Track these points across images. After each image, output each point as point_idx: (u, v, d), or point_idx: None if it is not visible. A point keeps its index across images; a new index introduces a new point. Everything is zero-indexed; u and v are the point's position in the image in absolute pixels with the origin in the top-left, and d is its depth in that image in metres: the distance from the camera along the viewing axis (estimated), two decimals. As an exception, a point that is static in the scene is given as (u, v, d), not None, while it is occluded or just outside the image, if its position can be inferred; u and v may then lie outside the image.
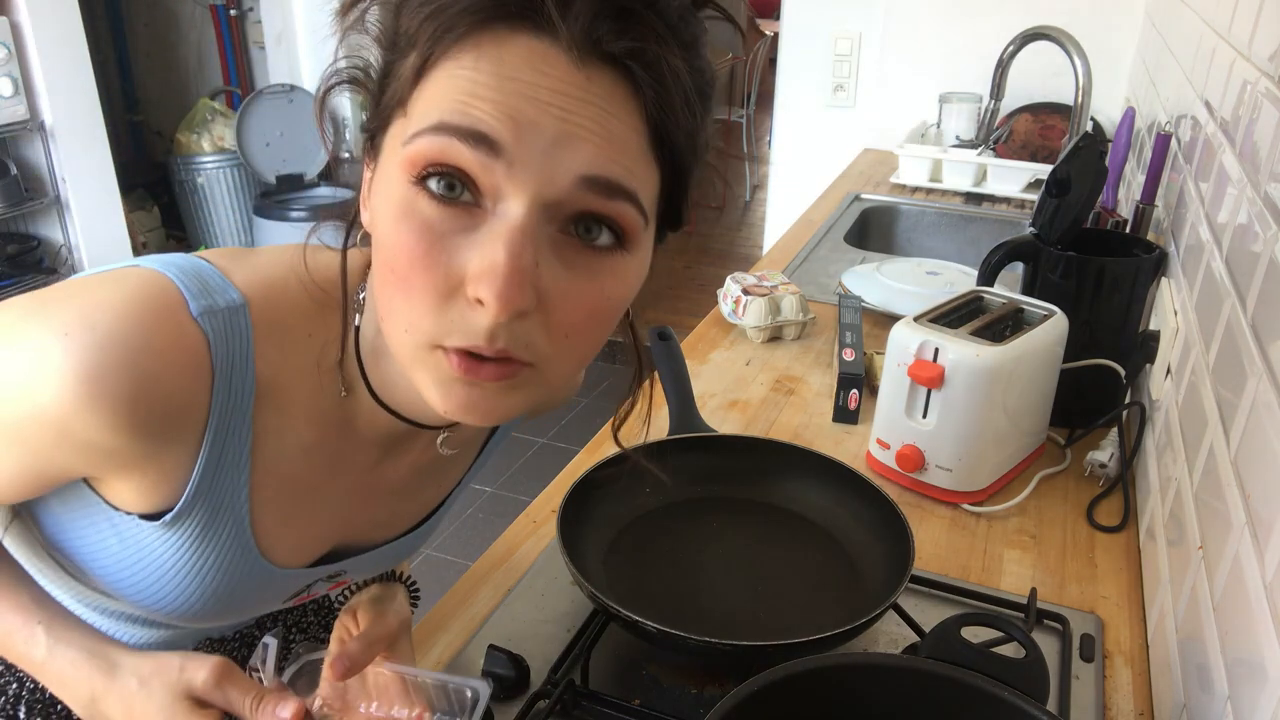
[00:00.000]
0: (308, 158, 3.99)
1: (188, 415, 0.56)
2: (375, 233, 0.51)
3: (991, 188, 2.25)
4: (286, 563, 0.67)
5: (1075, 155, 1.20)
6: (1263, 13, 0.91)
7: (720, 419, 1.27)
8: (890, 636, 0.88)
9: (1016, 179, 2.24)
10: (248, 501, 0.61)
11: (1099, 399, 1.17)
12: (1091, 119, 2.00)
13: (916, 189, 2.31)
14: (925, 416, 1.07)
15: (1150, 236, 1.34)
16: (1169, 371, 1.03)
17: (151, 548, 0.61)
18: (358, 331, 0.61)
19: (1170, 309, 1.08)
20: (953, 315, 1.12)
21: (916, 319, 1.09)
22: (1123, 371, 1.15)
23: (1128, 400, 1.15)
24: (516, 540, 1.01)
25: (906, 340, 1.06)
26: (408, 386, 0.57)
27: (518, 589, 0.93)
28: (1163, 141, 1.34)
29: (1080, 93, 1.77)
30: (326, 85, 0.56)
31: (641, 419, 0.73)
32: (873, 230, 2.21)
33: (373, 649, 0.71)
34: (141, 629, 0.73)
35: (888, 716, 0.62)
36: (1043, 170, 2.20)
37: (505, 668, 0.80)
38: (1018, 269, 1.29)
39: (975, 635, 0.68)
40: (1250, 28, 0.96)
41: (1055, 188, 1.20)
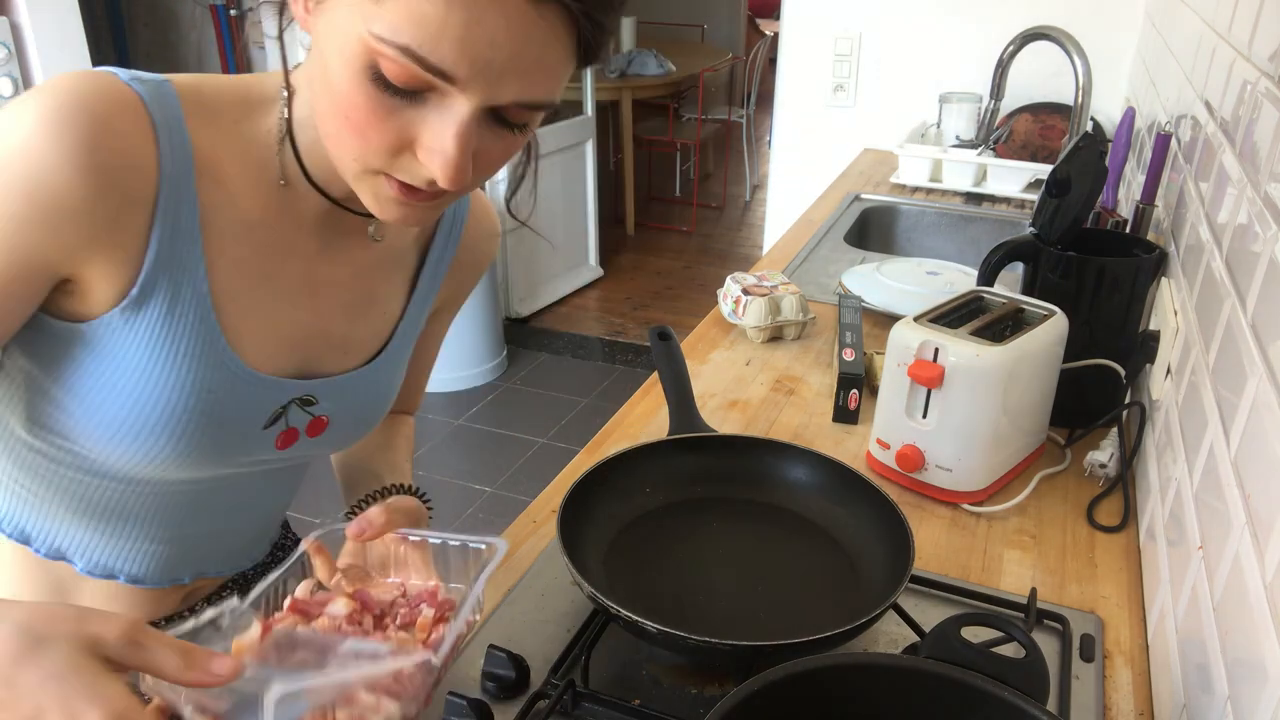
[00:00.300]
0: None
1: (139, 170, 0.62)
2: (323, 67, 0.58)
3: (991, 188, 2.25)
4: (257, 365, 0.72)
5: (1075, 155, 1.20)
6: (1263, 13, 0.91)
7: (720, 419, 1.27)
8: (890, 636, 0.88)
9: (1016, 179, 2.24)
10: (206, 280, 0.67)
11: (1099, 399, 1.17)
12: (1091, 119, 2.00)
13: (916, 189, 2.31)
14: (925, 416, 1.07)
15: (1150, 236, 1.34)
16: (1169, 371, 1.03)
17: (125, 348, 0.66)
18: (290, 123, 0.68)
19: (1170, 309, 1.08)
20: (953, 315, 1.12)
21: (916, 319, 1.09)
22: (1123, 371, 1.15)
23: (1128, 400, 1.15)
24: (516, 540, 1.01)
25: (906, 340, 1.06)
26: (341, 179, 0.65)
27: (518, 589, 0.93)
28: (1163, 141, 1.34)
29: (1080, 93, 1.77)
30: None
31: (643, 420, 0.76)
32: (873, 230, 2.21)
33: (392, 518, 0.74)
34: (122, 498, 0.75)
35: (888, 716, 0.62)
36: (1043, 170, 2.20)
37: (505, 668, 0.80)
38: (1018, 269, 1.29)
39: (975, 635, 0.68)
40: (1250, 28, 0.96)
41: (1055, 188, 1.20)
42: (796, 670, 0.61)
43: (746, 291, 1.49)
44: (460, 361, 3.52)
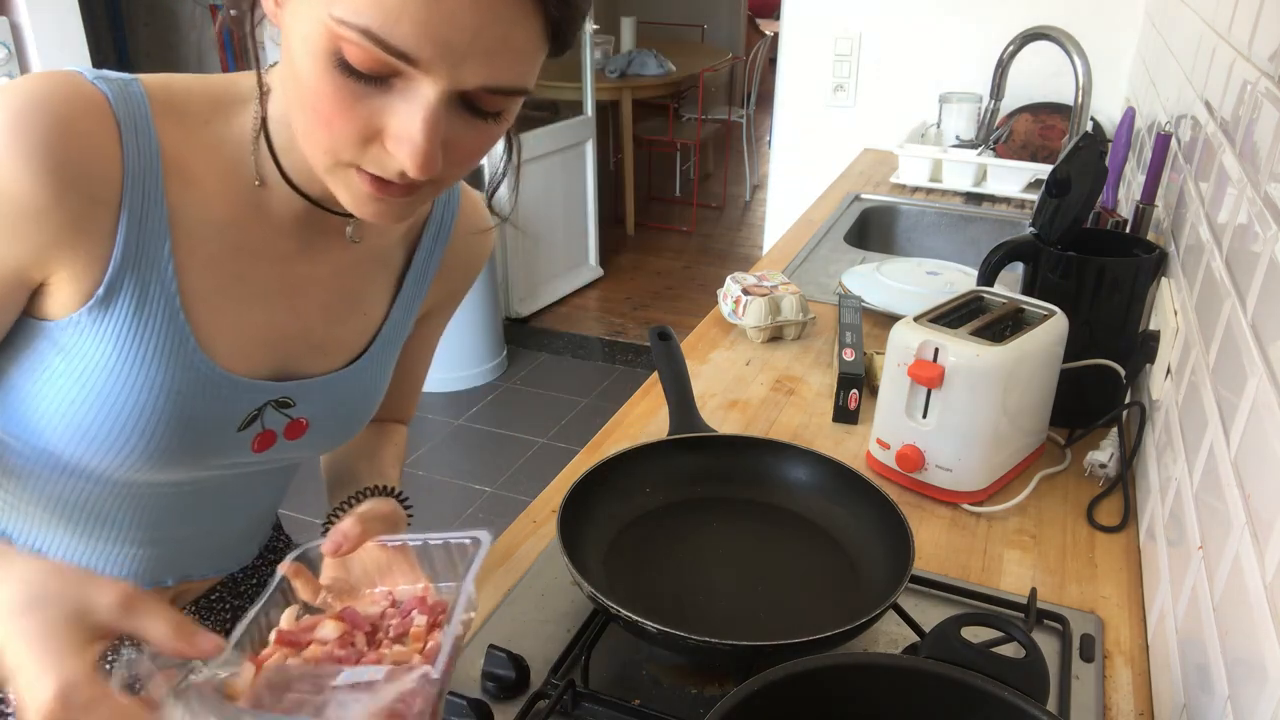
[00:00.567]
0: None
1: (102, 170, 0.62)
2: (291, 59, 0.57)
3: (991, 188, 2.25)
4: (230, 367, 0.71)
5: (1075, 155, 1.20)
6: (1263, 13, 0.91)
7: (720, 419, 1.27)
8: (890, 636, 0.88)
9: (1016, 179, 2.24)
10: (175, 279, 0.66)
11: (1099, 399, 1.17)
12: (1091, 119, 2.00)
13: (916, 189, 2.31)
14: (925, 416, 1.07)
15: (1150, 236, 1.34)
16: (1169, 371, 1.03)
17: (93, 348, 0.65)
18: (265, 122, 0.67)
19: (1170, 309, 1.08)
20: (953, 315, 1.12)
21: (916, 319, 1.09)
22: (1123, 371, 1.15)
23: (1128, 400, 1.15)
24: (516, 540, 1.01)
25: (907, 340, 1.06)
26: (318, 179, 0.64)
27: (518, 589, 0.93)
28: (1163, 141, 1.34)
29: (1080, 93, 1.77)
30: None
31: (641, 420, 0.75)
32: (873, 230, 2.21)
33: (367, 527, 0.72)
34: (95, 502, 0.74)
35: (888, 716, 0.62)
36: (1043, 170, 2.20)
37: (505, 668, 0.80)
38: (1018, 269, 1.29)
39: (975, 635, 0.68)
40: (1250, 28, 0.96)
41: (1055, 188, 1.20)
42: (796, 670, 0.61)
43: (746, 291, 1.49)
44: (460, 361, 3.52)
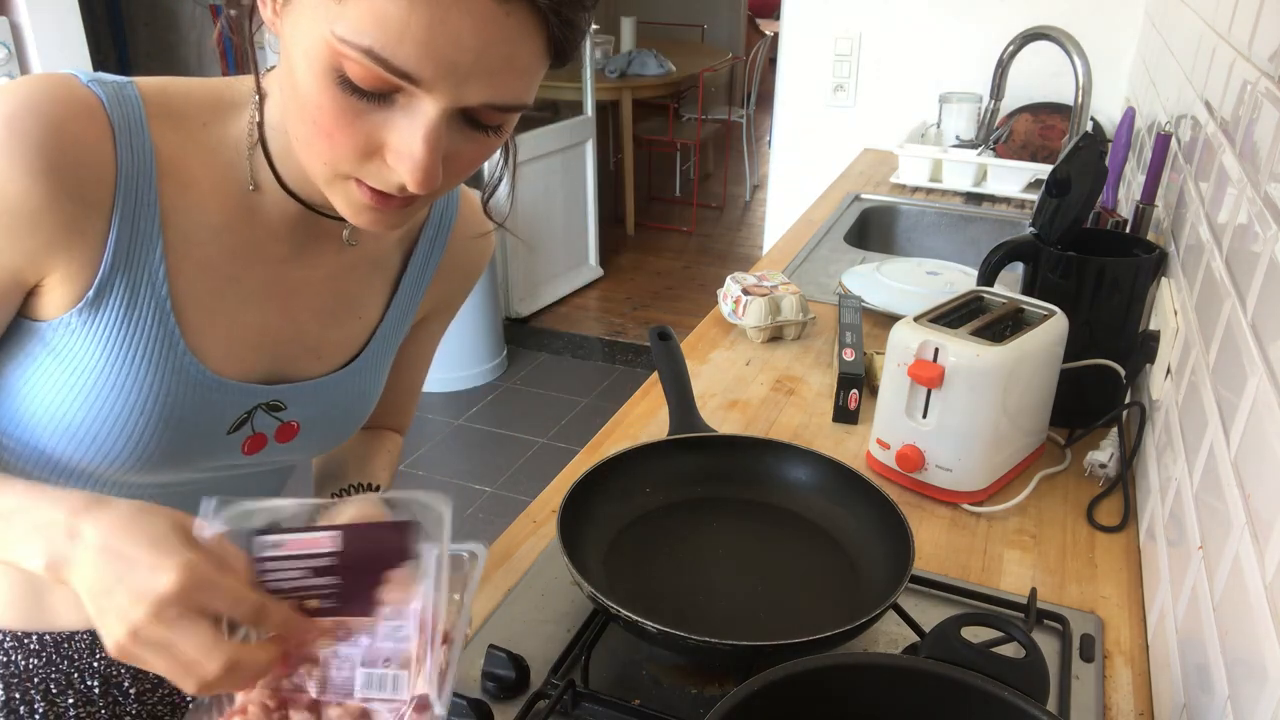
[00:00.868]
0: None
1: (95, 173, 0.62)
2: (290, 69, 0.57)
3: (991, 188, 2.25)
4: (221, 370, 0.71)
5: (1075, 155, 1.20)
6: (1263, 13, 0.91)
7: (720, 419, 1.27)
8: (890, 636, 0.88)
9: (1016, 179, 2.24)
10: (166, 283, 0.66)
11: (1099, 399, 1.17)
12: (1091, 119, 2.00)
13: (916, 189, 2.31)
14: (925, 416, 1.07)
15: (1150, 236, 1.34)
16: (1169, 371, 1.03)
17: (83, 349, 0.66)
18: (261, 127, 0.67)
19: (1170, 309, 1.08)
20: (953, 315, 1.12)
21: (916, 319, 1.09)
22: (1123, 371, 1.15)
23: (1128, 400, 1.15)
24: (516, 540, 1.01)
25: (907, 340, 1.06)
26: (313, 184, 0.64)
27: (518, 589, 0.93)
28: (1163, 141, 1.34)
29: (1080, 93, 1.77)
30: None
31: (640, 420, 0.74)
32: (873, 230, 2.21)
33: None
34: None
35: (888, 716, 0.62)
36: (1043, 170, 2.20)
37: (505, 668, 0.80)
38: (1018, 269, 1.29)
39: (975, 635, 0.68)
40: (1250, 28, 0.96)
41: (1055, 188, 1.20)
42: (796, 670, 0.61)
43: (746, 291, 1.49)
44: (460, 361, 3.52)
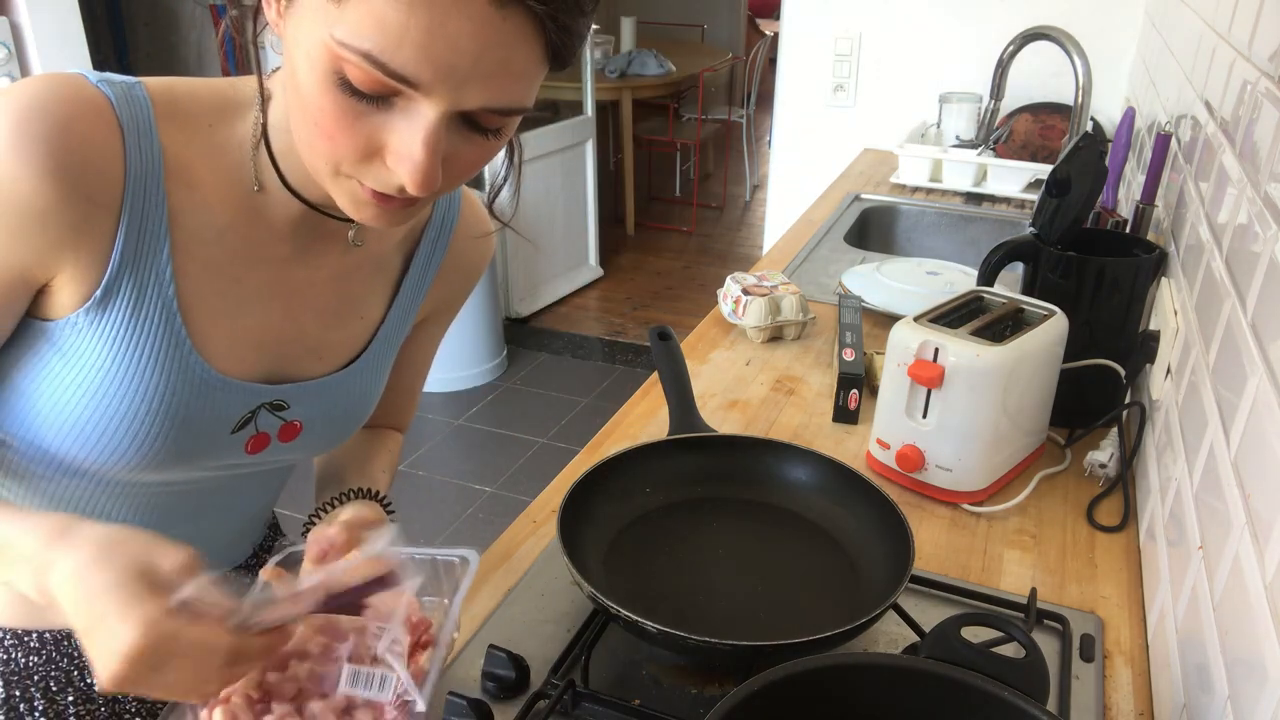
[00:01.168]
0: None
1: (104, 173, 0.62)
2: (293, 71, 0.58)
3: (991, 188, 2.25)
4: (225, 370, 0.71)
5: (1075, 155, 1.20)
6: (1263, 13, 0.91)
7: (720, 419, 1.27)
8: (890, 636, 0.88)
9: (1016, 179, 2.24)
10: (172, 282, 0.67)
11: (1099, 399, 1.17)
12: (1091, 119, 2.00)
13: (916, 189, 2.31)
14: (925, 416, 1.07)
15: (1150, 236, 1.34)
16: (1169, 371, 1.03)
17: (89, 349, 0.66)
18: (266, 128, 0.68)
19: (1170, 309, 1.08)
20: (953, 315, 1.12)
21: (916, 319, 1.09)
22: (1123, 371, 1.15)
23: (1128, 400, 1.15)
24: (516, 540, 1.01)
25: (906, 340, 1.06)
26: (317, 184, 0.65)
27: (518, 589, 0.93)
28: (1163, 141, 1.34)
29: (1080, 93, 1.77)
30: None
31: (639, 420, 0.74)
32: (873, 230, 2.21)
33: (353, 535, 0.73)
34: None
35: (888, 716, 0.62)
36: (1043, 170, 2.20)
37: (505, 668, 0.80)
38: (1018, 269, 1.29)
39: (975, 635, 0.68)
40: (1250, 28, 0.96)
41: (1055, 188, 1.20)
42: (796, 670, 0.61)
43: (746, 291, 1.49)
44: (460, 361, 3.52)
